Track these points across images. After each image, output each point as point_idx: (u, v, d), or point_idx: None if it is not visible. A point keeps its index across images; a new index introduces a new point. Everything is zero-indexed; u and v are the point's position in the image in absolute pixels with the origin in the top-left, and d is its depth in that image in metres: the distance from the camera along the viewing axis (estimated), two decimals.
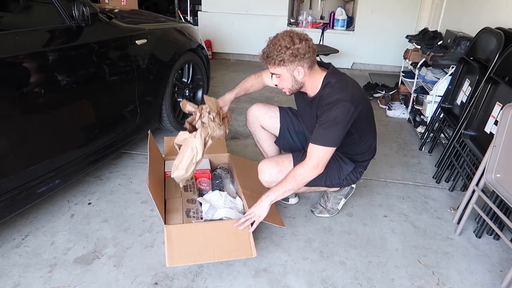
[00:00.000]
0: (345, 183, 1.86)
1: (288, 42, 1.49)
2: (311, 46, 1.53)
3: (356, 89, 1.66)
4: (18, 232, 1.77)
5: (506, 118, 1.65)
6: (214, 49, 5.44)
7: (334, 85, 1.59)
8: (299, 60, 1.51)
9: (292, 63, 1.51)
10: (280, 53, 1.49)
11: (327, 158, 1.58)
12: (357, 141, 1.76)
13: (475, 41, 2.54)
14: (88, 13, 1.82)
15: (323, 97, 1.59)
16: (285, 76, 1.57)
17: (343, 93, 1.56)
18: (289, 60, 1.50)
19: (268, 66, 1.57)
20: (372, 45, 5.12)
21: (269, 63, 1.55)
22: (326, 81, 1.61)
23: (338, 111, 1.52)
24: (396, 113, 3.48)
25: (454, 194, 2.26)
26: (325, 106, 1.55)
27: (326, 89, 1.60)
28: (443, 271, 1.66)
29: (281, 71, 1.55)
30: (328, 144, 1.55)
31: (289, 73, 1.55)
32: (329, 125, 1.53)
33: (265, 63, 1.58)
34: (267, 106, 1.99)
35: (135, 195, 2.10)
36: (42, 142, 1.72)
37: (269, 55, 1.52)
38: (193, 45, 2.81)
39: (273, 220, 1.70)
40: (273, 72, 1.58)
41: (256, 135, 2.04)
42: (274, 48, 1.51)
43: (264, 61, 1.57)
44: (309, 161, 1.57)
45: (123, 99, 2.20)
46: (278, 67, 1.54)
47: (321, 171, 1.59)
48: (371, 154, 1.87)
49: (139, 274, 1.57)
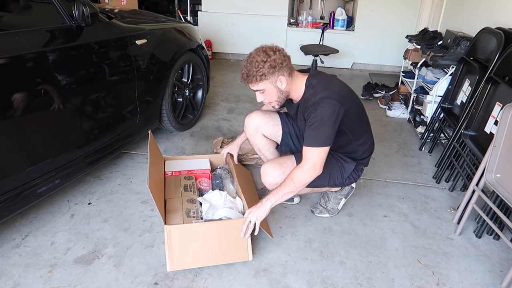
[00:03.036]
0: (348, 182, 1.87)
1: (264, 56, 1.53)
2: (285, 55, 1.59)
3: (340, 86, 1.68)
4: (18, 232, 1.77)
5: (506, 118, 1.65)
6: (214, 49, 5.44)
7: (315, 85, 1.61)
8: (278, 70, 1.55)
9: (272, 75, 1.55)
10: (259, 68, 1.53)
11: (322, 159, 1.58)
12: (353, 140, 1.76)
13: (475, 41, 2.54)
14: (88, 13, 1.82)
15: (307, 99, 1.61)
16: (269, 89, 1.59)
17: (325, 91, 1.57)
18: (269, 73, 1.53)
19: (250, 85, 1.59)
20: (372, 45, 5.11)
21: (250, 81, 1.57)
22: (308, 83, 1.63)
23: (323, 110, 1.53)
24: (396, 113, 3.48)
25: (454, 194, 2.26)
26: (310, 108, 1.57)
27: (309, 91, 1.62)
28: (443, 271, 1.66)
29: (264, 85, 1.57)
30: (320, 145, 1.55)
31: (272, 85, 1.58)
32: (317, 125, 1.54)
33: (246, 83, 1.60)
34: (268, 114, 1.96)
35: (135, 195, 2.10)
36: (42, 142, 1.72)
37: (249, 73, 1.55)
38: (193, 45, 2.81)
39: (264, 227, 1.69)
40: (257, 89, 1.60)
41: (258, 144, 1.99)
42: (252, 66, 1.54)
43: (245, 81, 1.59)
44: (305, 163, 1.57)
45: (123, 99, 2.20)
46: (260, 82, 1.56)
47: (319, 172, 1.59)
48: (369, 150, 1.87)
49: (139, 274, 1.57)
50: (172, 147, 2.69)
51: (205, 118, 3.23)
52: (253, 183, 2.24)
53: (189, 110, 2.96)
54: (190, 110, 2.97)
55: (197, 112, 3.04)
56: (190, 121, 2.97)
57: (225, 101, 3.70)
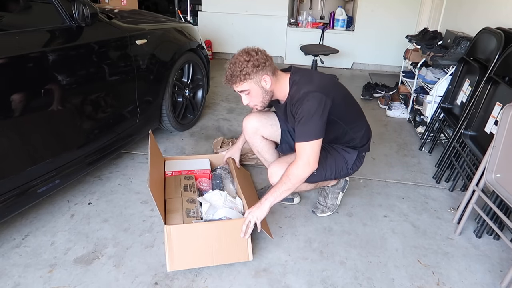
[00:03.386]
0: (352, 171, 1.88)
1: (246, 56, 1.55)
2: (267, 55, 1.60)
3: (323, 78, 1.69)
4: (18, 232, 1.77)
5: (506, 118, 1.65)
6: (214, 49, 5.44)
7: (299, 81, 1.62)
8: (262, 69, 1.56)
9: (256, 74, 1.56)
10: (243, 68, 1.54)
11: (316, 152, 1.58)
12: (346, 128, 1.76)
13: (475, 41, 2.54)
14: (88, 13, 1.82)
15: (292, 97, 1.62)
16: (254, 90, 1.60)
17: (308, 85, 1.59)
18: (253, 72, 1.55)
19: (234, 86, 1.60)
20: (372, 45, 5.11)
21: (234, 82, 1.57)
22: (291, 81, 1.64)
23: (309, 104, 1.54)
24: (396, 113, 3.48)
25: (454, 194, 2.26)
26: (296, 104, 1.58)
27: (293, 88, 1.63)
28: (443, 271, 1.66)
29: (249, 85, 1.58)
30: (311, 138, 1.56)
31: (257, 85, 1.58)
32: (306, 120, 1.55)
33: (230, 84, 1.60)
34: (265, 115, 1.96)
35: (135, 195, 2.10)
36: (42, 142, 1.72)
37: (233, 74, 1.56)
38: (193, 45, 2.81)
39: (264, 227, 1.69)
40: (242, 90, 1.60)
41: (258, 146, 1.98)
42: (235, 66, 1.55)
43: (229, 82, 1.60)
44: (299, 159, 1.58)
45: (123, 99, 2.20)
46: (245, 82, 1.56)
47: (315, 166, 1.59)
48: (366, 136, 1.87)
49: (139, 274, 1.57)
50: (172, 147, 2.69)
51: (205, 118, 3.23)
52: (252, 183, 2.24)
53: (189, 110, 2.96)
54: (190, 110, 2.97)
55: (197, 112, 3.04)
56: (190, 121, 2.97)
57: (225, 101, 3.70)
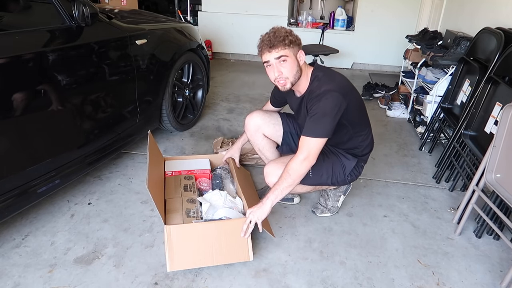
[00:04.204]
0: (349, 179, 1.87)
1: (286, 31, 1.58)
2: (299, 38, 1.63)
3: (344, 80, 1.70)
4: (18, 232, 1.77)
5: (506, 118, 1.65)
6: (214, 49, 5.44)
7: (321, 78, 1.63)
8: (298, 45, 1.60)
9: (296, 47, 1.58)
10: (287, 35, 1.56)
11: (317, 149, 1.58)
12: (353, 134, 1.76)
13: (475, 41, 2.54)
14: (88, 13, 1.82)
15: (312, 91, 1.63)
16: (291, 59, 1.58)
17: (330, 84, 1.59)
18: (295, 42, 1.58)
19: (274, 50, 1.55)
20: (372, 45, 5.11)
21: (276, 46, 1.54)
22: (314, 76, 1.65)
23: (327, 102, 1.55)
24: (396, 113, 3.48)
25: (454, 194, 2.26)
26: (314, 99, 1.58)
27: (314, 83, 1.64)
28: (443, 271, 1.66)
29: (289, 52, 1.57)
30: (319, 135, 1.56)
31: (295, 55, 1.59)
32: (319, 116, 1.55)
33: (269, 48, 1.55)
34: (269, 114, 1.96)
35: (135, 195, 2.10)
36: (42, 142, 1.72)
37: (276, 38, 1.54)
38: (193, 45, 2.81)
39: (266, 227, 1.70)
40: (281, 55, 1.56)
41: (259, 144, 1.99)
42: (278, 33, 1.56)
43: (268, 46, 1.55)
44: (300, 153, 1.57)
45: (123, 99, 2.20)
46: (287, 48, 1.55)
47: (313, 162, 1.59)
48: (369, 146, 1.88)
49: (139, 274, 1.57)
50: (172, 147, 2.69)
51: (205, 118, 3.23)
52: (253, 183, 2.24)
53: (189, 110, 2.96)
54: (190, 110, 2.97)
55: (197, 112, 3.04)
56: (190, 121, 2.97)
57: (225, 101, 3.70)
